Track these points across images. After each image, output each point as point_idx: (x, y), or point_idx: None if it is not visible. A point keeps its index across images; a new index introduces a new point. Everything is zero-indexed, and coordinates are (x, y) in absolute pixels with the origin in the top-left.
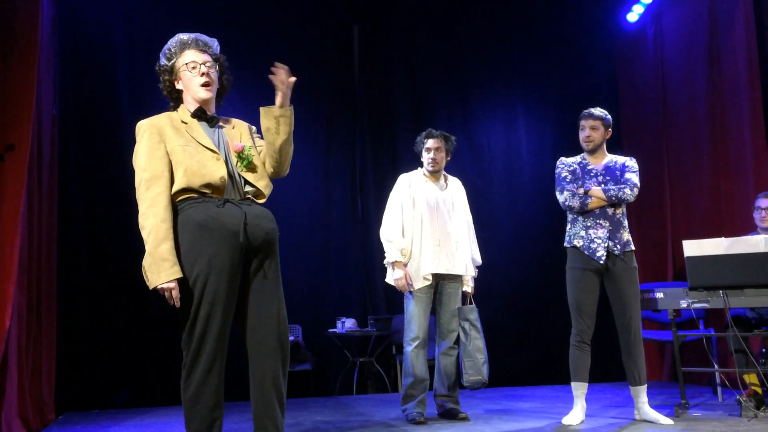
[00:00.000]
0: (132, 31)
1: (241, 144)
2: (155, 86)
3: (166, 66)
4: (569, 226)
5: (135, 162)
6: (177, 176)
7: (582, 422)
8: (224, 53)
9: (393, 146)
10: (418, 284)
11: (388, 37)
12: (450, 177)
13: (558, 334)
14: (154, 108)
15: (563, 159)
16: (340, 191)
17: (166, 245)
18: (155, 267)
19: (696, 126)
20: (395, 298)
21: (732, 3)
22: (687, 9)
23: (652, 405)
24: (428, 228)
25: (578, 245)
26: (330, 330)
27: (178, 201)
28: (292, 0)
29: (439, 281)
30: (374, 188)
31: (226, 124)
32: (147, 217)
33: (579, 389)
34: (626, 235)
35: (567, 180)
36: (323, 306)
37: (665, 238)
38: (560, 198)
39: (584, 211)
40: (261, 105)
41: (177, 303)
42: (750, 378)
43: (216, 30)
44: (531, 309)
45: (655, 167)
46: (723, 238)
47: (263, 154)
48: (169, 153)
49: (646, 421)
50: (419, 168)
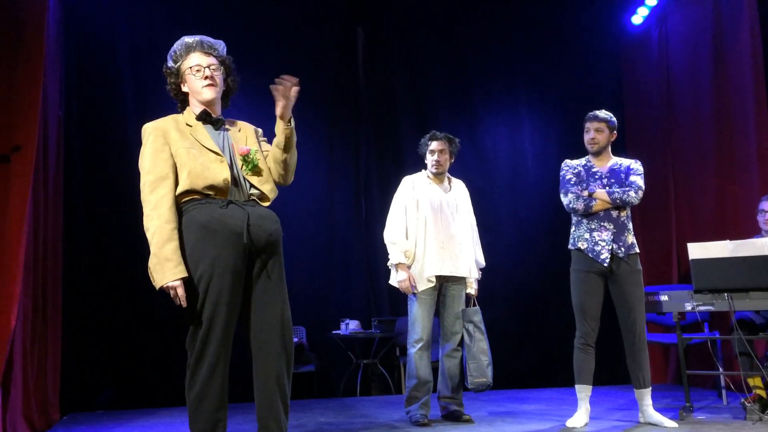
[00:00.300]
0: (136, 34)
1: (247, 148)
2: (159, 88)
3: (173, 69)
4: (573, 229)
5: (140, 164)
6: (181, 178)
7: (586, 425)
8: (227, 55)
9: (396, 148)
10: (422, 286)
11: (391, 39)
12: (454, 179)
13: (562, 337)
14: (159, 110)
15: (568, 161)
16: (344, 193)
17: (171, 246)
18: (160, 267)
19: (701, 128)
20: (399, 300)
21: (737, 5)
22: (692, 11)
23: (657, 408)
24: (432, 230)
25: (582, 248)
26: (334, 332)
27: (182, 202)
28: (295, 2)
29: (443, 283)
30: (378, 190)
31: (232, 127)
32: (151, 219)
33: (583, 392)
34: (631, 238)
35: (571, 182)
36: (327, 308)
37: (670, 241)
38: (564, 200)
39: (588, 214)
40: (263, 107)
41: (183, 302)
42: (755, 381)
43: (219, 32)
44: (535, 311)
45: (660, 170)
46: (728, 241)
47: (269, 160)
48: (174, 155)
49: (651, 424)
50: (423, 170)
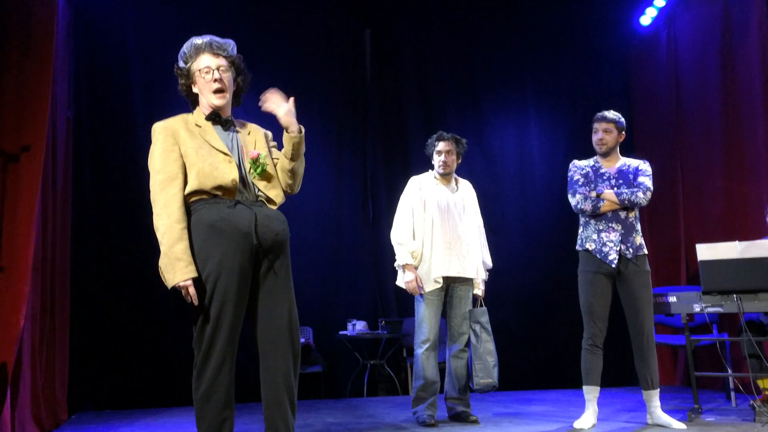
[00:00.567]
0: (145, 35)
1: (257, 152)
2: (168, 89)
3: (183, 70)
4: (581, 230)
5: (150, 164)
6: (190, 178)
7: (594, 426)
8: (237, 54)
9: (404, 149)
10: (429, 287)
11: (399, 41)
12: (461, 180)
13: (569, 338)
14: (168, 110)
15: (576, 162)
16: (352, 194)
17: (181, 245)
18: (171, 267)
19: (709, 130)
20: (406, 301)
21: (746, 6)
22: (701, 12)
23: (665, 410)
24: (439, 231)
25: (590, 248)
26: (341, 332)
27: (191, 202)
28: (303, 4)
29: (450, 284)
30: (385, 191)
31: (242, 129)
32: (161, 218)
33: (591, 393)
34: (639, 239)
35: (579, 183)
36: (334, 308)
37: (678, 242)
38: (572, 201)
39: (596, 215)
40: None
41: (195, 301)
42: (764, 383)
43: (228, 34)
44: (542, 312)
45: (669, 171)
46: (737, 242)
47: (277, 168)
48: (183, 155)
49: (659, 426)
50: (430, 170)
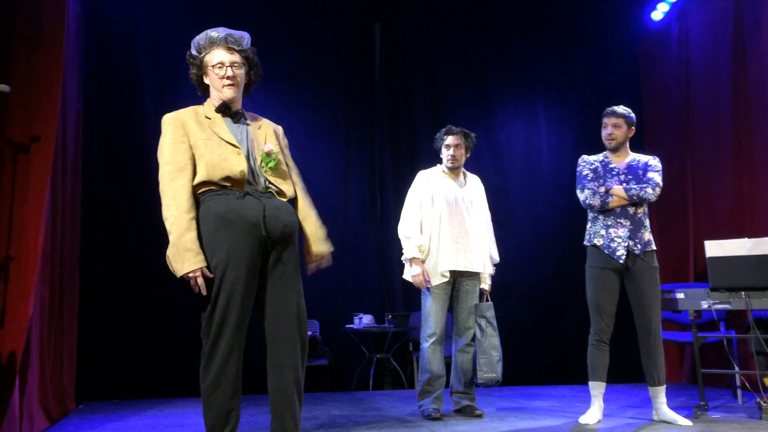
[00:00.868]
0: (155, 28)
1: (270, 146)
2: (178, 81)
3: (196, 59)
4: (589, 225)
5: (159, 154)
6: (199, 169)
7: (599, 422)
8: (251, 47)
9: (412, 143)
10: (436, 281)
11: (408, 35)
12: (469, 174)
13: (576, 334)
14: (177, 103)
15: (585, 157)
16: (359, 188)
17: (190, 235)
18: (179, 257)
19: (720, 126)
20: (413, 295)
21: (758, 2)
22: (712, 8)
23: (671, 406)
24: (446, 225)
25: (598, 244)
26: (347, 326)
27: (200, 193)
28: None
29: (457, 278)
30: (393, 185)
31: (253, 122)
32: (170, 209)
33: (597, 389)
34: (647, 235)
35: (588, 178)
36: (341, 302)
37: (687, 238)
38: (581, 196)
39: (605, 210)
40: (281, 101)
41: (204, 290)
42: None
43: (236, 27)
44: (549, 307)
45: (678, 167)
46: (746, 239)
47: (290, 164)
48: (192, 147)
49: (665, 422)
50: (438, 165)
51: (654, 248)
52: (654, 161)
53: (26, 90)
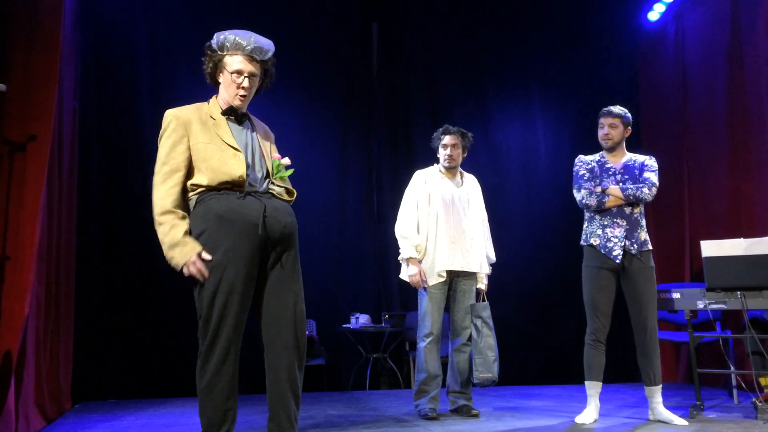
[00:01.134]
0: (153, 26)
1: (286, 159)
2: (175, 80)
3: (214, 56)
4: (586, 225)
5: (159, 150)
6: (198, 171)
7: (595, 421)
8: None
9: (409, 143)
10: (433, 281)
11: (406, 35)
12: (466, 174)
13: (572, 334)
14: (174, 101)
15: (581, 157)
16: (356, 188)
17: (174, 232)
18: (172, 253)
19: (716, 126)
20: (409, 295)
21: (754, 3)
22: (709, 8)
23: (667, 406)
24: (443, 225)
25: (595, 244)
26: (344, 325)
27: (199, 192)
28: None
29: (454, 278)
30: (390, 185)
31: (258, 126)
32: (156, 209)
33: (593, 388)
34: (643, 235)
35: (585, 178)
36: (337, 301)
37: (683, 238)
38: (577, 196)
39: (601, 210)
40: (279, 101)
41: (206, 273)
42: (766, 380)
43: (233, 26)
44: (545, 307)
45: (674, 166)
46: (742, 239)
47: None
48: (192, 148)
49: (661, 422)
50: (435, 164)
51: (650, 248)
52: (650, 161)
53: (22, 88)
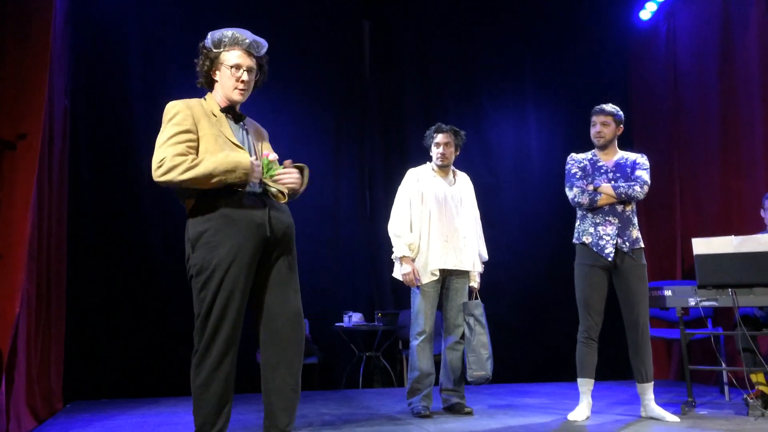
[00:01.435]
0: (145, 24)
1: (275, 155)
2: (167, 78)
3: (211, 53)
4: (578, 223)
5: (160, 135)
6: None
7: (588, 418)
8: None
9: (402, 142)
10: (426, 279)
11: (399, 33)
12: (458, 172)
13: (565, 332)
14: (165, 99)
15: (573, 155)
16: (349, 186)
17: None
18: (229, 163)
19: (707, 124)
20: (402, 294)
21: (745, 2)
22: (700, 7)
23: (659, 403)
24: (436, 223)
25: (587, 242)
26: (337, 324)
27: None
28: None
29: (447, 276)
30: (383, 184)
31: (251, 126)
32: (192, 169)
33: (585, 385)
34: (635, 233)
35: (577, 176)
36: (330, 300)
37: (674, 236)
38: (569, 194)
39: (593, 208)
40: (270, 100)
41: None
42: (757, 377)
43: (226, 24)
44: (538, 305)
45: (666, 165)
46: (733, 237)
47: None
48: (200, 138)
49: (653, 419)
50: (428, 162)
51: (642, 246)
52: (642, 159)
53: (13, 87)
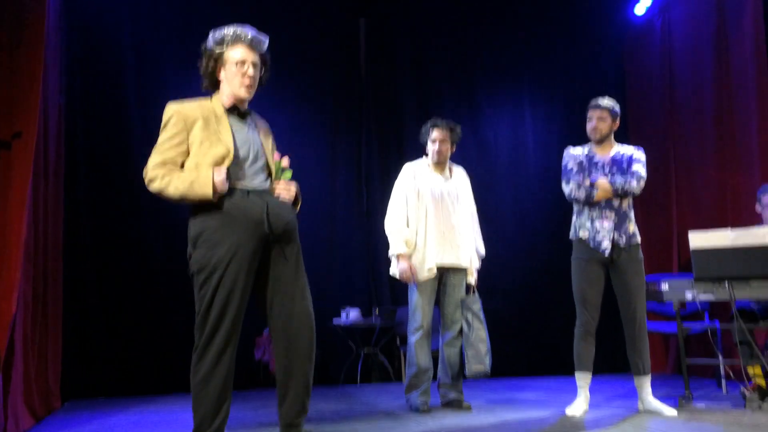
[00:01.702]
0: (139, 22)
1: (288, 161)
2: (161, 76)
3: (214, 53)
4: (575, 218)
5: (158, 140)
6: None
7: (585, 412)
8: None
9: (399, 138)
10: (423, 275)
11: (395, 30)
12: (455, 166)
13: (562, 326)
14: (161, 97)
15: (570, 149)
16: (346, 183)
17: (187, 174)
18: (200, 184)
19: (703, 118)
20: (400, 289)
21: None
22: (695, 2)
23: (656, 396)
24: (433, 219)
25: (583, 237)
26: (335, 320)
27: None
28: None
29: (444, 272)
30: (380, 180)
31: (260, 123)
32: (167, 182)
33: (583, 379)
34: (632, 227)
35: (573, 171)
36: (328, 296)
37: (671, 230)
38: (566, 189)
39: (590, 203)
40: (267, 97)
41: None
42: (754, 370)
43: (222, 22)
44: (535, 300)
45: (662, 159)
46: (729, 230)
47: None
48: (190, 144)
49: (650, 412)
50: (424, 157)
51: (639, 240)
52: (638, 153)
53: (7, 85)
